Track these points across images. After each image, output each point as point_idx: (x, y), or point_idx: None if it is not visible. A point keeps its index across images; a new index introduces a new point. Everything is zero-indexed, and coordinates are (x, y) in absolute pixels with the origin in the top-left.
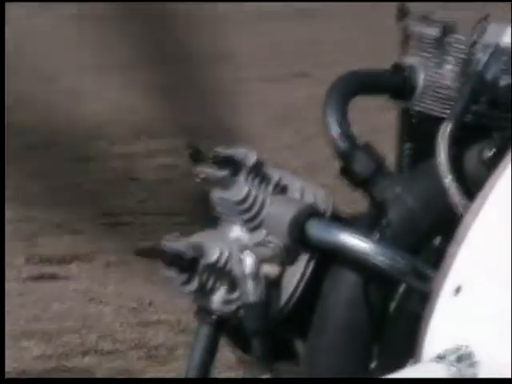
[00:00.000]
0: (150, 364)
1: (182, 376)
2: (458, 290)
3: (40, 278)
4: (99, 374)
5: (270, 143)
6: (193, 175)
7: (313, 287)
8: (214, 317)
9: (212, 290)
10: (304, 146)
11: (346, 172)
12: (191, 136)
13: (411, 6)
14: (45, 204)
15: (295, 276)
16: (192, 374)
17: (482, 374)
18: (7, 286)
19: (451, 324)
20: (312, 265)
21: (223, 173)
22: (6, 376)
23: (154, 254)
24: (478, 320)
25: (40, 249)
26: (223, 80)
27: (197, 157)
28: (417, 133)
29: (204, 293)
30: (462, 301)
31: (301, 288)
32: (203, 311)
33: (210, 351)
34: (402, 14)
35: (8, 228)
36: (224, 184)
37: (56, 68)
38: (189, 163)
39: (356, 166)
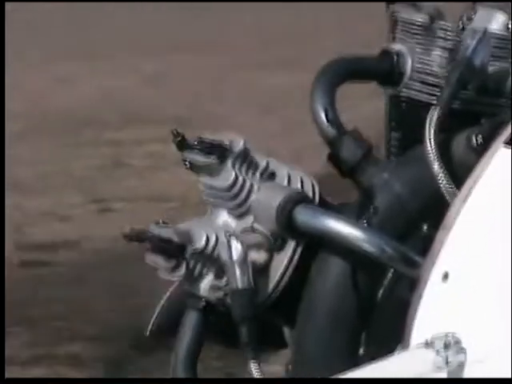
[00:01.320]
0: (140, 352)
1: (169, 363)
2: (445, 277)
3: (29, 264)
4: (87, 361)
5: None
6: (181, 162)
7: (300, 274)
8: (201, 303)
9: (199, 277)
10: None
11: (334, 159)
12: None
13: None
14: (34, 190)
15: (282, 263)
16: (180, 361)
17: (470, 360)
18: None
19: (439, 310)
20: (299, 251)
21: (210, 159)
22: None
23: (140, 239)
24: (466, 306)
25: (29, 235)
26: (213, 69)
27: (182, 143)
28: (405, 119)
29: (191, 279)
30: (450, 287)
31: (288, 275)
32: (191, 297)
33: (198, 337)
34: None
35: None
36: (211, 170)
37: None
38: (177, 150)
39: (343, 152)
